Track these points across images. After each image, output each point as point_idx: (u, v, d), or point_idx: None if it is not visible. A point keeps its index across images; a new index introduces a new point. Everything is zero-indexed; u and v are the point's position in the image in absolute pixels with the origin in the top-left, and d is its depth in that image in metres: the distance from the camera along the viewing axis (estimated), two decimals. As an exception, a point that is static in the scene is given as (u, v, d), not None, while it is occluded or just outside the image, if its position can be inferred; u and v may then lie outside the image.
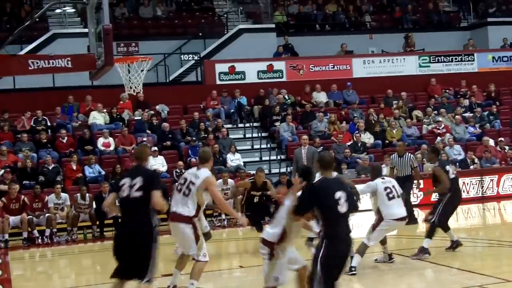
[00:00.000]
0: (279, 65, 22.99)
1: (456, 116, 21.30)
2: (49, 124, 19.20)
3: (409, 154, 15.16)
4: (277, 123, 20.58)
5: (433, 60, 24.11)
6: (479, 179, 18.23)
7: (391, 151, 17.66)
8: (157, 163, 17.90)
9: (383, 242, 10.22)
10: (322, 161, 6.67)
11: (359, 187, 10.38)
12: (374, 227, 9.88)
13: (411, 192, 14.91)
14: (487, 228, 12.52)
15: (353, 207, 6.49)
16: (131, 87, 13.79)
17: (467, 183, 18.40)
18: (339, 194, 6.36)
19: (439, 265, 9.79)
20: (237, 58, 22.67)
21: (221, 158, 18.45)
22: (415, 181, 14.56)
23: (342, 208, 6.34)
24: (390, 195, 9.86)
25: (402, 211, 9.95)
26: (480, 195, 18.31)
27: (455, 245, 10.86)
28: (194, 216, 8.29)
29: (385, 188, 9.90)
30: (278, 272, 7.19)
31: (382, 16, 27.73)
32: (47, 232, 15.20)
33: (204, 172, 8.36)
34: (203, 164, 8.55)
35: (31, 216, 15.16)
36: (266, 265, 7.21)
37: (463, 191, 18.39)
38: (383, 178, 10.19)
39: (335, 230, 6.37)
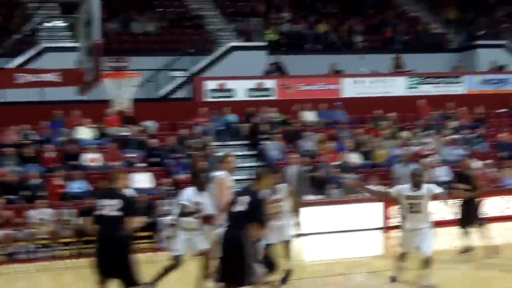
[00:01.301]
0: (269, 83, 23.01)
1: (444, 138, 21.35)
2: (35, 138, 19.05)
3: (414, 164, 14.16)
4: (265, 142, 20.54)
5: (422, 81, 24.20)
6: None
7: (381, 171, 17.55)
8: (145, 179, 17.81)
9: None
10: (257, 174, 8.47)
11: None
12: None
13: None
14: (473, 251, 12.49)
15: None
16: (120, 103, 13.77)
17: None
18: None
19: None
20: (227, 75, 22.67)
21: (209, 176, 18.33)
22: None
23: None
24: None
25: None
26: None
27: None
28: None
29: None
30: None
31: (373, 36, 27.87)
32: (30, 247, 15.04)
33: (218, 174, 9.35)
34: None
35: (13, 231, 14.99)
36: None
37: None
38: None
39: None
